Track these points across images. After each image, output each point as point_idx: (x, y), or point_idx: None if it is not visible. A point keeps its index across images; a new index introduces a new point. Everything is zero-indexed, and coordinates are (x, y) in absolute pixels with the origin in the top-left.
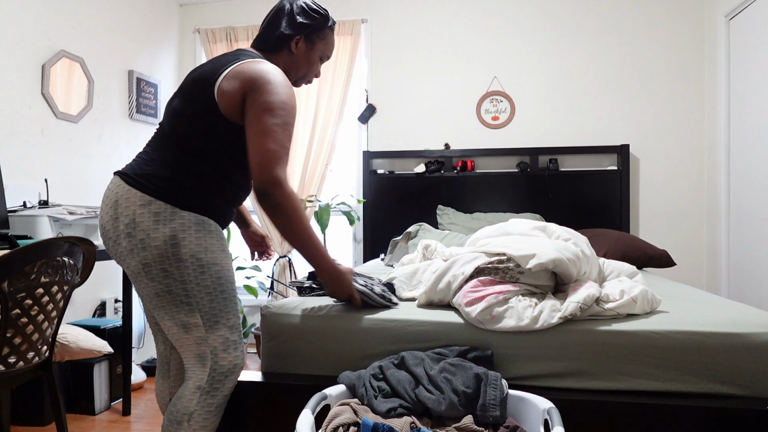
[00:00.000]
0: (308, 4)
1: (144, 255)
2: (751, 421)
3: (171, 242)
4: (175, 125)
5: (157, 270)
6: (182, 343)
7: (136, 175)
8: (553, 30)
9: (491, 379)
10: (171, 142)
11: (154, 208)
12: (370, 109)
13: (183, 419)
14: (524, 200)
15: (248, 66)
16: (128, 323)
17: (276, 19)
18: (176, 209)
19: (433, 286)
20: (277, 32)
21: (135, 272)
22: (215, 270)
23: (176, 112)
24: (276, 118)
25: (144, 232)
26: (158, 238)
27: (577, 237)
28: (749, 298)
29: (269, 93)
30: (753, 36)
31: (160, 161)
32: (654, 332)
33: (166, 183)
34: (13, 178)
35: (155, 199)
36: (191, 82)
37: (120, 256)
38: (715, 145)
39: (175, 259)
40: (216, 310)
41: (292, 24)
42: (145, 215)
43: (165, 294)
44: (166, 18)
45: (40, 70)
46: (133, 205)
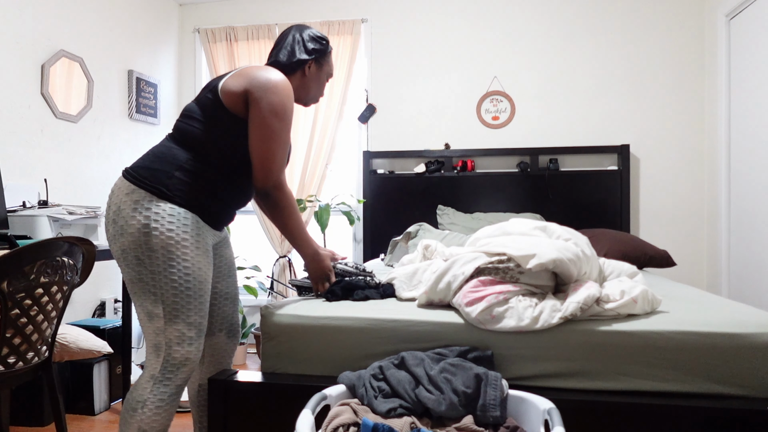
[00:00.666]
0: (314, 33)
1: (122, 241)
2: (751, 421)
3: (143, 230)
4: (179, 124)
5: (131, 257)
6: (144, 331)
7: (132, 168)
8: (553, 30)
9: (491, 379)
10: (175, 139)
11: (135, 197)
12: (370, 109)
13: (137, 406)
14: (524, 200)
15: (254, 68)
16: (128, 323)
17: (288, 46)
18: (154, 198)
19: (434, 286)
20: (294, 58)
21: (117, 257)
22: (184, 266)
23: (186, 111)
24: (282, 122)
25: (123, 219)
26: (133, 225)
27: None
28: (749, 298)
29: (275, 93)
30: (753, 36)
31: (152, 155)
32: (654, 332)
33: (152, 173)
34: (13, 178)
35: (138, 188)
36: (202, 89)
37: (109, 243)
38: (716, 145)
39: (147, 248)
40: (178, 305)
41: (306, 50)
42: (127, 203)
43: (137, 281)
44: (166, 18)
45: (39, 69)
46: (120, 193)
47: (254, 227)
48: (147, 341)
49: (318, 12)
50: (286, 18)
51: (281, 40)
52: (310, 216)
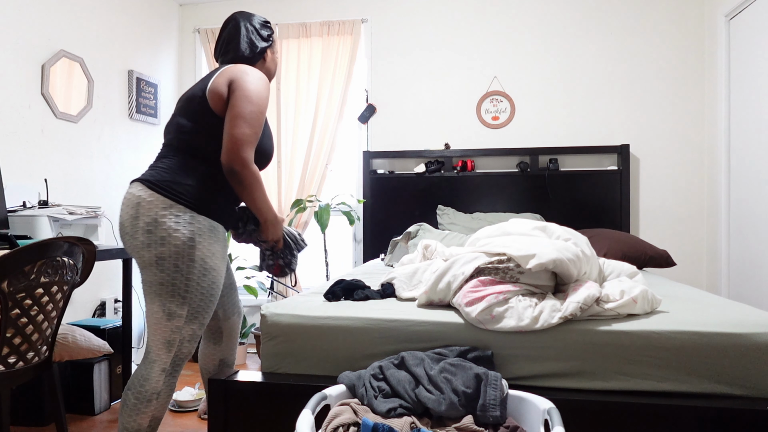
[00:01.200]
0: (260, 19)
1: (161, 249)
2: (751, 421)
3: (189, 243)
4: (183, 139)
5: (169, 264)
6: (157, 328)
7: (159, 182)
8: (553, 30)
9: (491, 379)
10: (183, 153)
11: (175, 211)
12: (370, 109)
13: (152, 398)
14: (524, 200)
15: (230, 68)
16: (128, 323)
17: (245, 38)
18: (194, 214)
19: (433, 286)
20: (257, 49)
21: (147, 262)
22: (213, 275)
23: (181, 126)
24: (252, 105)
25: (165, 231)
26: (178, 237)
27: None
28: (749, 298)
29: (248, 83)
30: (753, 36)
31: (177, 169)
32: (654, 332)
33: (185, 189)
34: (13, 178)
35: (176, 203)
36: (186, 99)
37: (134, 248)
38: (715, 145)
39: (188, 258)
40: (201, 309)
41: (262, 38)
42: (167, 216)
43: (168, 284)
44: (166, 18)
45: (39, 70)
46: (155, 207)
47: None
48: (158, 337)
49: (318, 12)
50: (286, 18)
51: (234, 32)
52: (310, 216)
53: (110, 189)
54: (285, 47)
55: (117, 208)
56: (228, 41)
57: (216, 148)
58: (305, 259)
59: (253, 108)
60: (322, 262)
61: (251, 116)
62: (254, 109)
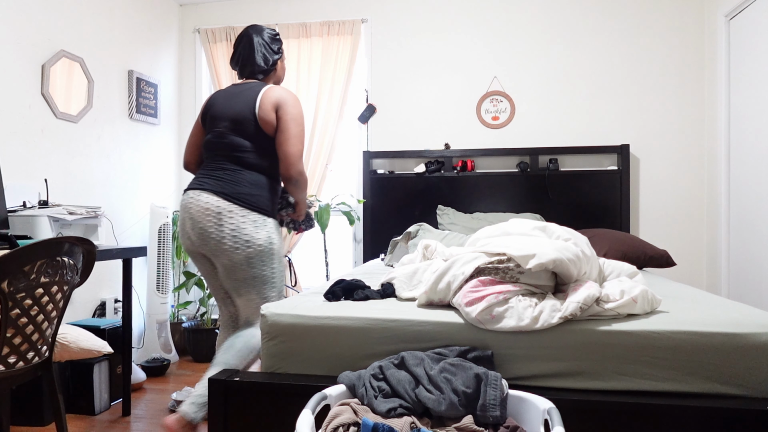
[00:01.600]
0: (270, 32)
1: (249, 251)
2: (751, 421)
3: (268, 244)
4: (242, 155)
5: (258, 261)
6: (255, 308)
7: (234, 194)
8: (553, 30)
9: (491, 379)
10: (244, 166)
11: (252, 218)
12: (370, 109)
13: (256, 349)
14: (524, 200)
15: (271, 94)
16: (128, 323)
17: (260, 51)
18: (266, 218)
19: (433, 286)
20: (270, 60)
21: (237, 263)
22: (283, 262)
23: (239, 145)
24: (298, 126)
25: (248, 235)
26: (260, 239)
27: (577, 237)
28: (749, 298)
29: (292, 107)
30: (753, 36)
31: (245, 182)
32: (654, 332)
33: (256, 199)
34: (13, 178)
35: (251, 211)
36: (236, 121)
37: (222, 252)
38: (715, 145)
39: (269, 254)
40: (282, 286)
41: (273, 51)
42: (247, 223)
43: (260, 276)
44: (166, 18)
45: (40, 70)
46: (236, 216)
47: None
48: (255, 313)
49: (318, 12)
50: (286, 18)
51: (249, 47)
52: None
53: (110, 189)
54: (285, 47)
55: (117, 208)
56: (245, 57)
57: (270, 162)
58: (305, 260)
59: (299, 128)
60: (322, 262)
61: (299, 135)
62: (300, 129)
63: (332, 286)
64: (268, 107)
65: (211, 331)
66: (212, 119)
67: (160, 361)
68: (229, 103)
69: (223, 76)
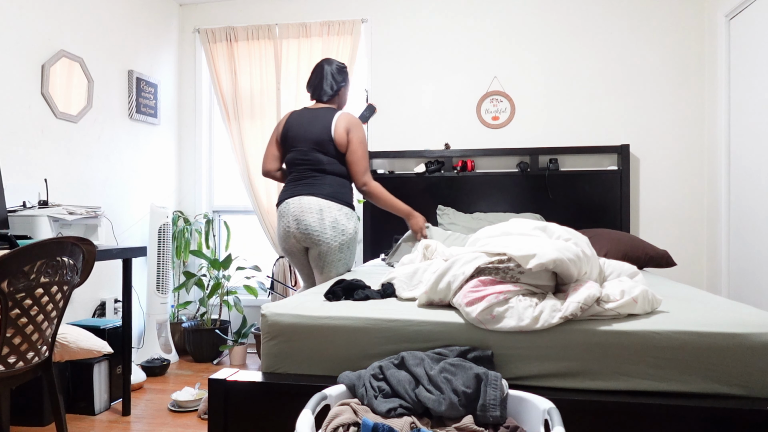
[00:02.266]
0: (339, 64)
1: (343, 239)
2: (751, 421)
3: (355, 231)
4: (327, 167)
5: (345, 247)
6: (328, 281)
7: (328, 194)
8: (553, 30)
9: (491, 379)
10: (331, 175)
11: (345, 212)
12: (370, 109)
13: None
14: (524, 200)
15: (342, 119)
16: (128, 323)
17: (328, 80)
18: (350, 210)
19: (434, 286)
20: (336, 87)
21: (334, 248)
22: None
23: (324, 160)
24: (363, 146)
25: (342, 225)
26: (350, 229)
27: (577, 237)
28: (749, 298)
29: (358, 130)
30: (753, 36)
31: (335, 185)
32: (654, 332)
33: (343, 195)
34: (13, 178)
35: (343, 206)
36: (318, 142)
37: (322, 241)
38: (715, 145)
39: (353, 241)
40: (349, 266)
41: (337, 81)
42: (341, 216)
43: (344, 260)
44: (166, 18)
45: (39, 70)
46: (333, 210)
47: (254, 227)
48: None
49: (318, 12)
50: (286, 18)
51: (321, 74)
52: None
53: (110, 189)
54: (285, 47)
55: (117, 208)
56: (317, 83)
57: (344, 168)
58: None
59: (365, 148)
60: None
61: (365, 153)
62: (364, 148)
63: (332, 286)
64: (341, 131)
65: (211, 331)
66: (293, 139)
67: (160, 361)
68: (308, 127)
69: (223, 76)
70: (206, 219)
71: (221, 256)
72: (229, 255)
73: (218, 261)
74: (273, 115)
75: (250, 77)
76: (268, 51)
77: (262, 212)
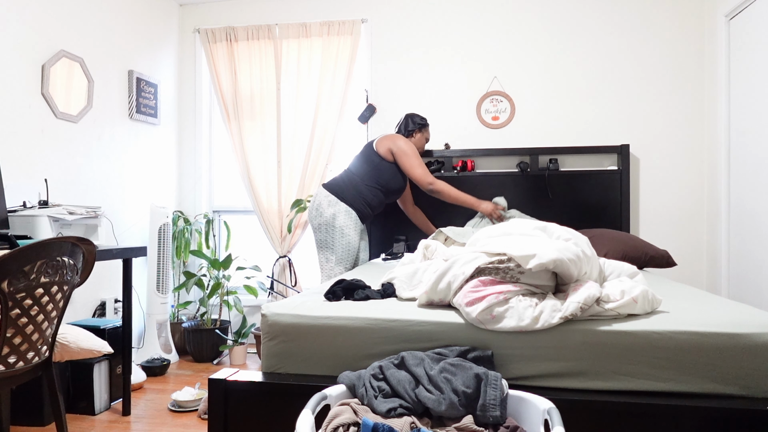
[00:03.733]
0: (418, 118)
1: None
2: (751, 421)
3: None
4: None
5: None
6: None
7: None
8: (553, 30)
9: (491, 379)
10: (353, 175)
11: (345, 210)
12: (370, 109)
13: None
14: (524, 200)
15: (390, 136)
16: (128, 323)
17: (402, 124)
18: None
19: (434, 286)
20: (406, 131)
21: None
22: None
23: (353, 168)
24: (406, 155)
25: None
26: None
27: (577, 237)
28: (749, 298)
29: (397, 144)
30: (753, 36)
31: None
32: (654, 332)
33: (348, 193)
34: (13, 178)
35: (350, 208)
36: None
37: (346, 226)
38: (715, 145)
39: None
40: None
41: (407, 127)
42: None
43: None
44: (166, 18)
45: (40, 70)
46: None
47: (254, 227)
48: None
49: (318, 12)
50: (286, 18)
51: (402, 121)
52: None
53: (110, 189)
54: (285, 47)
55: (117, 208)
56: (398, 126)
57: (375, 176)
58: (305, 260)
59: (407, 156)
60: None
61: (410, 160)
62: (408, 156)
63: (333, 286)
64: (384, 145)
65: (211, 331)
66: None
67: (160, 361)
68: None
69: (223, 76)
70: (206, 219)
71: (221, 256)
72: (229, 255)
73: (218, 261)
74: (273, 115)
75: (250, 77)
76: (268, 51)
77: (262, 212)
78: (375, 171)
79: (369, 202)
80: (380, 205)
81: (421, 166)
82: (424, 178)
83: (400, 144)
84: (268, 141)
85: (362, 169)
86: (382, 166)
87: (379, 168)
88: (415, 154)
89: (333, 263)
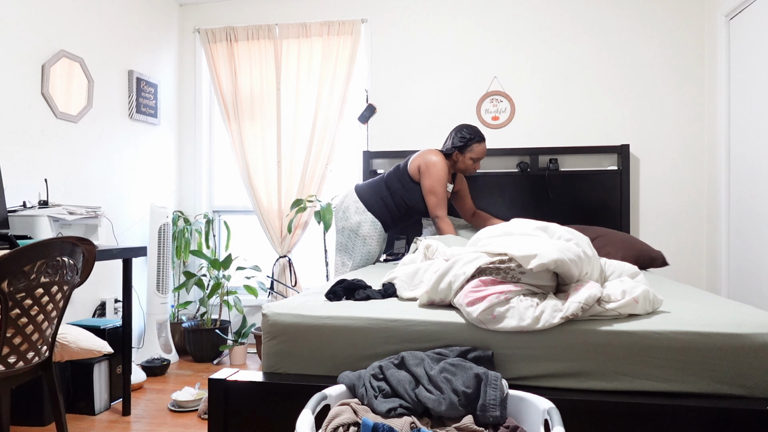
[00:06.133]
0: (465, 136)
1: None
2: (751, 421)
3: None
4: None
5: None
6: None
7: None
8: (553, 30)
9: (491, 379)
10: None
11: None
12: (370, 109)
13: None
14: (524, 200)
15: (425, 153)
16: (128, 323)
17: (448, 141)
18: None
19: (435, 286)
20: (449, 147)
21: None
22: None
23: (384, 181)
24: (432, 182)
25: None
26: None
27: (578, 237)
28: (749, 298)
29: (429, 169)
30: (753, 36)
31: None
32: (655, 332)
33: (370, 200)
34: (13, 178)
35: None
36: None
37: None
38: (715, 145)
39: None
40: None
41: (453, 144)
42: (366, 220)
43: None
44: (166, 18)
45: (40, 70)
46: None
47: (254, 227)
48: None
49: (318, 12)
50: (286, 18)
51: (449, 135)
52: (310, 216)
53: (110, 189)
54: (285, 47)
55: (117, 208)
56: (446, 140)
57: (402, 193)
58: (306, 260)
59: (433, 186)
60: (323, 262)
61: (433, 190)
62: (433, 186)
63: (333, 285)
64: (415, 163)
65: (211, 331)
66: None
67: (160, 361)
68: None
69: (223, 76)
70: (206, 219)
71: (221, 256)
72: (229, 255)
73: (218, 261)
74: (273, 115)
75: (250, 77)
76: (268, 51)
77: (262, 212)
78: (404, 190)
79: (395, 217)
80: (408, 220)
81: (435, 195)
82: (433, 209)
83: (429, 163)
84: (268, 141)
85: (394, 184)
86: (410, 188)
87: (407, 188)
88: (438, 178)
89: (349, 268)
